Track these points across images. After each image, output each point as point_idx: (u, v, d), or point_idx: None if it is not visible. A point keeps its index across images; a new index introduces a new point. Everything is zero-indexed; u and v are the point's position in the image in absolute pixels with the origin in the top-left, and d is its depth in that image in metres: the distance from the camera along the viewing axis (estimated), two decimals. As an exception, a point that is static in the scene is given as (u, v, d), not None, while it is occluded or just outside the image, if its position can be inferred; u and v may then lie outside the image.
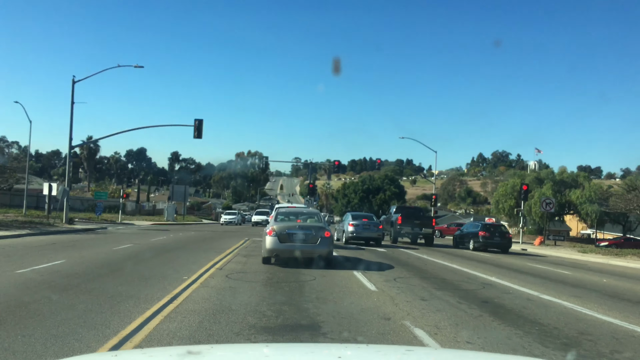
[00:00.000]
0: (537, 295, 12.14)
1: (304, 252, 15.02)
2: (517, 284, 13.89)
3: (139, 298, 9.43)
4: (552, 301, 11.36)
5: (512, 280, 14.87)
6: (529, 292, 12.46)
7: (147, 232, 34.10)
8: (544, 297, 11.83)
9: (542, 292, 12.55)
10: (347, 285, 12.00)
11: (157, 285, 10.91)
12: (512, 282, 14.39)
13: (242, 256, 18.03)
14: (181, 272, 13.06)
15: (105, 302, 8.99)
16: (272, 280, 12.30)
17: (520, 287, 13.26)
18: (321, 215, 16.94)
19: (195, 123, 39.33)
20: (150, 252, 18.53)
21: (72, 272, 12.61)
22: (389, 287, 11.99)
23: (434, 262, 19.45)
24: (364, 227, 27.43)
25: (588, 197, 59.88)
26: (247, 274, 13.38)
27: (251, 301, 9.51)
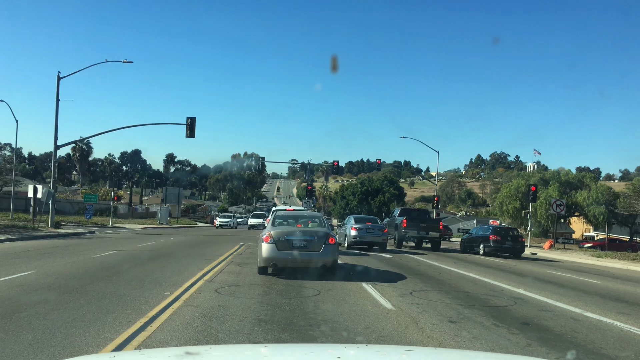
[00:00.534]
0: (581, 313, 10.34)
1: (306, 261, 13.18)
2: (551, 298, 12.08)
3: (104, 324, 7.59)
4: (602, 321, 9.57)
5: (543, 292, 13.05)
6: (570, 310, 10.64)
7: (136, 237, 32.21)
8: (590, 316, 10.03)
9: (584, 309, 10.75)
10: (357, 302, 10.17)
11: (131, 305, 9.07)
12: (543, 295, 12.58)
13: (236, 265, 16.19)
14: (164, 286, 11.22)
15: (60, 330, 7.15)
16: (269, 296, 10.47)
17: (556, 303, 11.44)
18: (324, 218, 15.09)
19: (188, 121, 37.46)
20: (134, 261, 16.66)
21: (36, 287, 10.76)
22: (407, 304, 10.16)
23: (448, 271, 17.62)
24: (368, 231, 25.57)
25: (595, 198, 58.27)
26: (241, 287, 11.53)
27: (244, 327, 7.67)
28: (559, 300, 11.74)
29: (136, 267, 14.88)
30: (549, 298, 12.06)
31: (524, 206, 64.35)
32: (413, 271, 16.63)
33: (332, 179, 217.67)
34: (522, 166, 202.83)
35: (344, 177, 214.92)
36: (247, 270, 14.62)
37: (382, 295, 10.91)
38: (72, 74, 37.26)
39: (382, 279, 13.97)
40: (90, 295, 9.89)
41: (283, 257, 13.04)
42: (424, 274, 16.13)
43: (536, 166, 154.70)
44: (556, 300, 11.71)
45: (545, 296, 12.36)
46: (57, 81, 36.96)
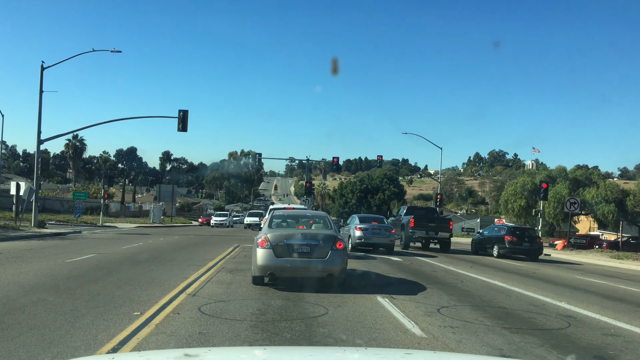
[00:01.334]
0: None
1: (309, 269, 11.05)
2: (606, 315, 9.99)
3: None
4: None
5: (591, 307, 10.95)
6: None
7: (123, 237, 30.04)
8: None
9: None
10: (376, 325, 8.05)
11: (84, 334, 6.93)
12: (594, 310, 10.48)
13: (227, 272, 14.05)
14: (135, 303, 9.09)
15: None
16: (266, 317, 8.34)
17: (617, 323, 9.35)
18: (330, 219, 12.92)
19: (180, 114, 35.33)
20: (110, 267, 14.51)
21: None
22: (439, 327, 8.05)
23: (469, 278, 15.49)
24: (374, 232, 23.42)
25: (604, 196, 56.22)
26: (230, 303, 9.40)
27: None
28: (617, 319, 9.65)
29: (110, 275, 12.73)
30: (603, 315, 9.96)
31: (529, 204, 62.36)
32: (430, 279, 14.51)
33: (329, 177, 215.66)
34: (521, 164, 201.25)
35: (342, 175, 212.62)
36: (239, 279, 12.49)
37: (404, 315, 8.80)
38: (56, 64, 35.06)
39: (399, 290, 11.84)
40: (36, 319, 7.74)
41: (282, 266, 10.92)
42: (444, 282, 14.01)
43: (535, 164, 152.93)
44: (615, 319, 9.62)
45: (598, 312, 10.26)
46: (41, 71, 34.82)
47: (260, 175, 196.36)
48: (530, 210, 62.74)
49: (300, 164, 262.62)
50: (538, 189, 62.53)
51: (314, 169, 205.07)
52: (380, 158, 57.77)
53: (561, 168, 64.88)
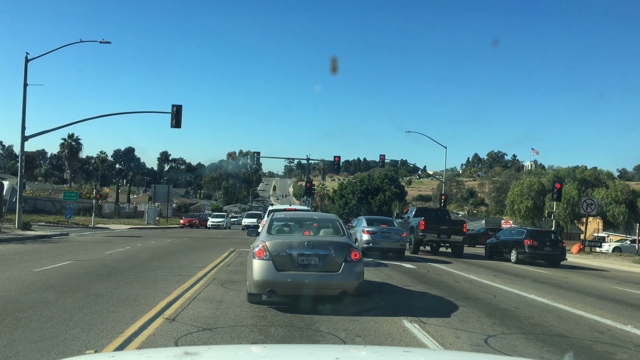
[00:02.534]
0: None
1: (318, 286, 8.96)
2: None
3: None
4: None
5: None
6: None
7: (112, 240, 27.92)
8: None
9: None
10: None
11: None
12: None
13: (219, 284, 11.94)
14: (94, 333, 6.99)
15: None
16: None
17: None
18: (341, 222, 10.74)
19: (173, 109, 33.22)
20: (82, 278, 12.39)
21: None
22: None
23: (501, 291, 13.38)
24: (383, 235, 21.31)
25: (614, 197, 54.22)
26: (218, 333, 7.29)
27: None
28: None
29: (77, 290, 10.61)
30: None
31: (537, 205, 60.33)
32: (457, 292, 12.42)
33: (328, 177, 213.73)
34: (520, 165, 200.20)
35: (341, 176, 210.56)
36: (232, 296, 10.38)
37: (445, 349, 6.70)
38: (41, 56, 32.89)
39: (426, 309, 9.76)
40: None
41: (284, 281, 8.82)
42: (474, 296, 11.92)
43: (534, 165, 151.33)
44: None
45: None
46: (25, 63, 32.61)
47: (259, 175, 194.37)
48: (538, 212, 60.71)
49: (299, 165, 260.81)
50: (545, 190, 60.79)
51: (312, 170, 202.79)
52: (382, 157, 55.71)
53: (569, 168, 62.73)
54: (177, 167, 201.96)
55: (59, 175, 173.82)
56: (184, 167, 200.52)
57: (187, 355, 2.65)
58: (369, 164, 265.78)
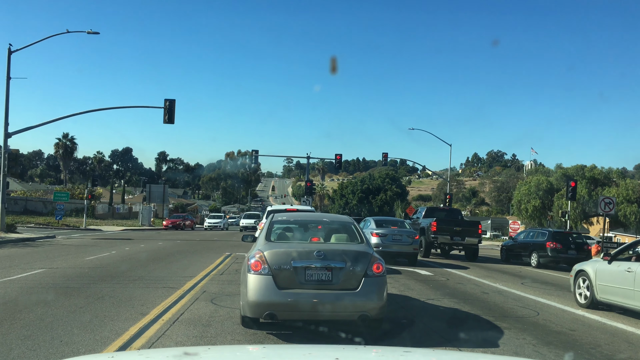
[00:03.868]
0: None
1: (332, 308, 6.99)
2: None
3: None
4: None
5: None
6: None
7: (99, 243, 25.97)
8: None
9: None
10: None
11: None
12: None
13: (209, 299, 9.99)
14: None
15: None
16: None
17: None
18: (357, 226, 8.68)
19: (166, 104, 31.27)
20: (48, 291, 10.44)
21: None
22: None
23: (540, 305, 11.41)
24: (394, 239, 19.37)
25: (625, 196, 52.46)
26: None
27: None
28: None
29: (34, 308, 8.65)
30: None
31: (545, 204, 58.51)
32: (491, 308, 10.47)
33: (327, 177, 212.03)
34: (519, 165, 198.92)
35: (340, 176, 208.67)
36: (223, 316, 8.44)
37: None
38: (25, 47, 30.90)
39: (465, 335, 7.79)
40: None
41: (287, 302, 6.87)
42: (513, 313, 9.97)
43: (533, 164, 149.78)
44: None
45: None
46: (8, 55, 30.63)
47: (258, 176, 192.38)
48: (545, 211, 58.85)
49: (298, 165, 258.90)
50: (553, 188, 58.95)
51: (311, 170, 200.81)
52: (385, 155, 53.66)
53: (578, 166, 60.88)
54: (175, 167, 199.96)
55: (55, 176, 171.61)
56: (182, 168, 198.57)
57: (187, 356, 2.64)
58: (368, 164, 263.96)
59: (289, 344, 5.93)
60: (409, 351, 3.13)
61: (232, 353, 3.24)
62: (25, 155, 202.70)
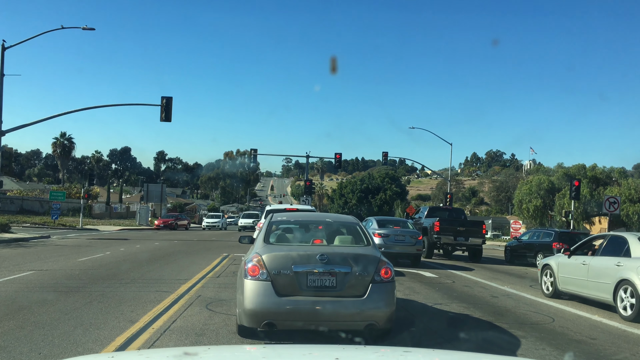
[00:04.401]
0: None
1: (336, 317, 6.42)
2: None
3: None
4: None
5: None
6: None
7: (94, 244, 25.38)
8: None
9: None
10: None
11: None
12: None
13: (203, 305, 9.40)
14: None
15: None
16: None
17: None
18: (363, 227, 8.05)
19: (163, 102, 30.65)
20: (33, 296, 9.85)
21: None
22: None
23: (555, 310, 10.83)
24: (397, 239, 18.78)
25: (627, 195, 51.83)
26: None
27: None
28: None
29: (15, 315, 8.06)
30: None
31: (546, 204, 57.96)
32: (503, 314, 9.89)
33: (326, 177, 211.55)
34: (518, 164, 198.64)
35: (339, 176, 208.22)
36: (218, 323, 7.86)
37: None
38: (19, 43, 30.27)
39: (480, 345, 7.22)
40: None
41: (287, 311, 6.30)
42: (529, 321, 9.39)
43: (532, 164, 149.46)
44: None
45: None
46: (2, 52, 30.03)
47: (257, 175, 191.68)
48: (547, 211, 58.34)
49: (297, 165, 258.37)
50: (555, 188, 58.40)
51: (310, 170, 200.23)
52: (385, 154, 53.07)
53: (579, 165, 60.30)
54: (173, 166, 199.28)
55: (53, 176, 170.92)
56: (180, 167, 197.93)
57: (187, 356, 2.63)
58: (367, 164, 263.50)
59: (289, 344, 5.82)
60: (409, 351, 3.12)
61: (231, 353, 3.26)
62: (24, 155, 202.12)
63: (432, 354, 3.51)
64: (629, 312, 9.70)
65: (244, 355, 3.18)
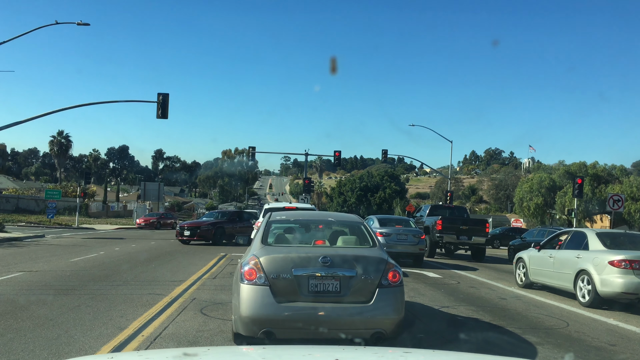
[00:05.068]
0: None
1: (340, 324, 5.91)
2: None
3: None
4: None
5: None
6: None
7: (89, 243, 24.85)
8: None
9: None
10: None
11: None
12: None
13: (198, 309, 8.89)
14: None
15: None
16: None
17: None
18: (368, 227, 7.52)
19: (159, 98, 30.09)
20: (19, 300, 9.34)
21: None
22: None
23: (568, 313, 10.33)
24: (399, 238, 18.28)
25: (629, 193, 51.38)
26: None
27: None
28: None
29: (0, 319, 7.57)
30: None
31: (547, 202, 57.52)
32: (514, 318, 9.39)
33: (325, 175, 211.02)
34: (517, 162, 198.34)
35: (337, 174, 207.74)
36: (213, 329, 7.35)
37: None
38: (11, 40, 29.66)
39: (495, 353, 6.72)
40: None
41: (287, 319, 5.80)
42: (542, 325, 8.90)
43: (531, 162, 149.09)
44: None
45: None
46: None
47: (255, 174, 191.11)
48: (547, 209, 57.93)
49: (295, 163, 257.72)
50: (556, 186, 57.95)
51: (309, 168, 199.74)
52: (385, 152, 52.53)
53: (580, 163, 59.83)
54: (172, 165, 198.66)
55: (51, 174, 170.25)
56: (179, 166, 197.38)
57: (186, 357, 2.62)
58: (366, 162, 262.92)
59: (289, 344, 5.59)
60: (409, 352, 3.11)
61: (231, 353, 3.25)
62: (21, 153, 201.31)
63: (432, 355, 3.46)
64: (587, 299, 10.91)
65: (243, 356, 3.17)
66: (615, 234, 12.91)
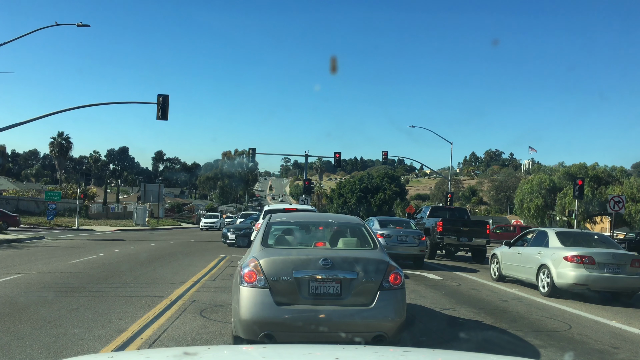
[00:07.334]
0: None
1: (341, 327, 5.84)
2: None
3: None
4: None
5: None
6: None
7: (89, 245, 24.79)
8: None
9: None
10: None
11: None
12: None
13: (197, 312, 8.83)
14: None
15: None
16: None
17: None
18: (369, 229, 7.45)
19: (159, 100, 30.01)
20: (16, 303, 9.28)
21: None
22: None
23: (570, 316, 10.26)
24: (400, 240, 18.20)
25: (630, 195, 51.25)
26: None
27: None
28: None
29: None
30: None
31: (547, 203, 57.43)
32: (516, 320, 9.33)
33: (325, 177, 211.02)
34: (517, 164, 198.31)
35: (337, 175, 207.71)
36: (213, 332, 7.29)
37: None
38: (10, 42, 29.61)
39: (495, 356, 6.67)
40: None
41: (287, 322, 5.73)
42: (545, 328, 8.83)
43: (531, 163, 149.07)
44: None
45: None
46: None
47: (255, 175, 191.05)
48: (548, 210, 57.84)
49: (296, 164, 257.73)
50: (556, 187, 57.85)
51: (309, 169, 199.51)
52: (385, 153, 52.48)
53: (580, 164, 59.70)
54: (172, 166, 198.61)
55: (51, 176, 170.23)
56: (179, 167, 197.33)
57: (187, 356, 2.61)
58: (366, 163, 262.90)
59: (289, 344, 5.55)
60: (409, 351, 3.13)
61: (231, 352, 3.25)
62: (21, 155, 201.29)
63: (432, 354, 3.45)
64: (546, 289, 12.43)
65: (244, 355, 3.17)
66: (572, 233, 14.83)
